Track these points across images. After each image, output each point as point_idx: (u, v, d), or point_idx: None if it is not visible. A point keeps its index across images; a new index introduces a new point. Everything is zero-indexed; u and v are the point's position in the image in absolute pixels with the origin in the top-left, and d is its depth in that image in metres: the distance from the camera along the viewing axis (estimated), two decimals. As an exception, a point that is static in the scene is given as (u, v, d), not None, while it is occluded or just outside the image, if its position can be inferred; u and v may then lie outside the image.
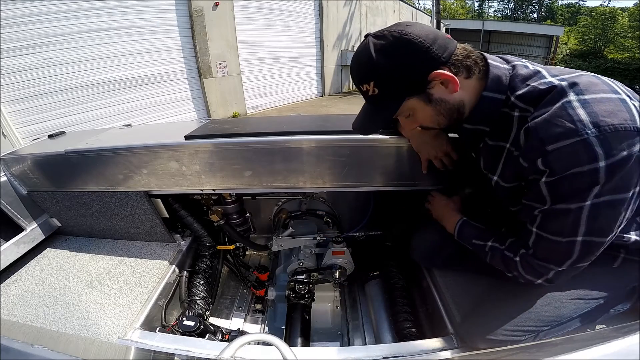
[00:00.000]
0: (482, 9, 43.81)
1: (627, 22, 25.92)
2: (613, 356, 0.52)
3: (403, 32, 0.60)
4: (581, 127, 0.51)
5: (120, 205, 1.20)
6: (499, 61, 0.67)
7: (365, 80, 0.66)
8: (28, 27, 4.35)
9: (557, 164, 0.54)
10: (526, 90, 0.61)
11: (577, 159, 0.52)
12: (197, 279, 1.25)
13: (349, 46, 11.22)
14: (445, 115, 0.68)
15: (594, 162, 0.51)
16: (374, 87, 0.64)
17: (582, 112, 0.52)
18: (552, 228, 0.60)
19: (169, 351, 0.87)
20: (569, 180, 0.54)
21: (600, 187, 0.52)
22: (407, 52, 0.60)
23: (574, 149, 0.52)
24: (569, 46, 31.07)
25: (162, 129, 1.40)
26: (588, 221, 0.56)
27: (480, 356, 0.82)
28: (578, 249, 0.59)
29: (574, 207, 0.55)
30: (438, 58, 0.61)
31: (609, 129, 0.50)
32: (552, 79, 0.59)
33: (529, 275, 0.68)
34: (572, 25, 33.14)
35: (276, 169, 1.03)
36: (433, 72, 0.61)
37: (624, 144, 0.50)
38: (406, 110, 0.69)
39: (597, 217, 0.55)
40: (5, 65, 4.23)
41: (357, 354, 0.85)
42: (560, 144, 0.53)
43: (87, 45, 4.96)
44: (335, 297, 1.31)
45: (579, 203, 0.54)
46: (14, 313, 0.99)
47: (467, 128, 0.73)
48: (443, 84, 0.63)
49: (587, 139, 0.50)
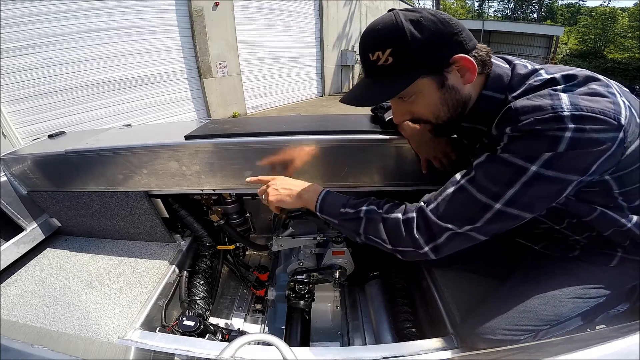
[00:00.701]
0: (482, 9, 43.79)
1: (627, 22, 25.91)
2: (613, 356, 0.52)
3: (438, 12, 0.59)
4: (558, 104, 0.50)
5: (120, 205, 1.20)
6: (500, 61, 0.66)
7: (380, 47, 0.58)
8: (28, 27, 4.35)
9: (524, 127, 0.53)
10: (522, 89, 0.60)
11: (545, 125, 0.51)
12: (197, 279, 1.25)
13: (349, 46, 11.22)
14: (449, 107, 0.64)
15: (560, 131, 0.49)
16: (389, 55, 0.58)
17: (564, 96, 0.52)
18: (480, 183, 0.58)
19: (169, 351, 0.87)
20: (525, 138, 0.53)
21: (551, 156, 0.51)
22: (440, 29, 0.57)
23: (544, 119, 0.51)
24: (569, 46, 31.05)
25: (162, 129, 1.40)
26: (521, 187, 0.54)
27: (480, 356, 0.82)
28: (490, 215, 0.57)
29: (517, 162, 0.53)
30: (465, 44, 0.59)
31: (586, 109, 0.49)
32: (548, 76, 0.59)
33: (419, 235, 0.62)
34: (572, 25, 33.12)
35: (276, 169, 1.03)
36: (457, 55, 0.58)
37: (597, 127, 0.49)
38: (411, 91, 0.62)
39: (530, 187, 0.54)
40: (5, 65, 4.23)
41: (357, 354, 0.85)
42: (533, 115, 0.52)
43: (87, 45, 4.96)
44: (335, 297, 1.31)
45: (525, 163, 0.53)
46: (14, 313, 0.99)
47: (465, 127, 0.72)
48: (460, 71, 0.61)
49: (562, 112, 0.50)
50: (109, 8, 5.07)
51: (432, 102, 0.64)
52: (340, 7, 10.40)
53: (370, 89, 0.64)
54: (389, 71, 0.60)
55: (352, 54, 10.89)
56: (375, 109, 1.08)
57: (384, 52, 0.58)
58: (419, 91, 0.62)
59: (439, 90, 0.62)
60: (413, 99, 0.64)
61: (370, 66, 0.61)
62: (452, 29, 0.58)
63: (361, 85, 0.66)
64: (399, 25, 0.56)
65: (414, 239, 0.62)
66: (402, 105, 0.67)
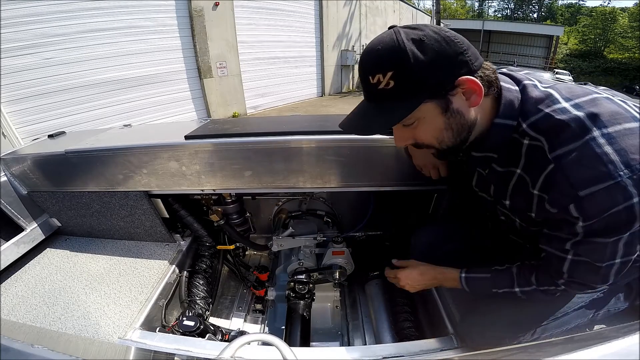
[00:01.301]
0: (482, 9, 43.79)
1: (627, 22, 25.93)
2: (613, 356, 0.52)
3: (442, 29, 0.55)
4: (613, 169, 0.49)
5: (120, 205, 1.20)
6: (509, 82, 0.62)
7: (381, 69, 0.54)
8: (28, 27, 4.35)
9: (593, 209, 0.52)
10: (539, 117, 0.57)
11: (613, 202, 0.50)
12: (197, 279, 1.25)
13: (349, 46, 11.23)
14: (454, 132, 0.60)
15: (629, 200, 0.49)
16: (391, 78, 0.54)
17: (610, 151, 0.50)
18: (591, 256, 0.59)
19: (169, 351, 0.87)
20: (605, 220, 0.52)
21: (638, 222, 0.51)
22: (444, 48, 0.53)
23: (608, 193, 0.50)
24: (569, 46, 31.06)
25: (162, 129, 1.40)
26: (625, 247, 0.56)
27: (480, 356, 0.82)
28: (616, 268, 0.59)
29: (612, 240, 0.55)
30: (471, 64, 0.55)
31: (639, 167, 0.49)
32: (567, 104, 0.55)
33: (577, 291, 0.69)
34: (572, 25, 33.13)
35: (276, 169, 1.03)
36: (463, 77, 0.55)
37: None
38: (414, 117, 0.59)
39: (632, 243, 0.55)
40: (5, 65, 4.23)
41: (357, 354, 0.85)
42: (593, 188, 0.50)
43: (87, 45, 4.97)
44: (335, 297, 1.31)
45: (618, 236, 0.54)
46: (14, 313, 0.99)
47: (476, 156, 0.68)
48: (465, 94, 0.57)
49: (621, 181, 0.49)
50: (109, 8, 5.07)
51: (436, 127, 0.60)
52: (340, 7, 10.40)
53: (371, 116, 0.61)
54: (390, 95, 0.56)
55: (352, 54, 10.90)
56: None
57: (384, 76, 0.54)
58: (422, 116, 0.59)
59: (443, 115, 0.58)
60: (415, 125, 0.61)
61: (371, 89, 0.58)
62: (457, 48, 0.54)
63: (361, 110, 0.63)
64: (401, 46, 0.52)
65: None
66: (404, 131, 0.63)
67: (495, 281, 0.75)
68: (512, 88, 0.61)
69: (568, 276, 0.63)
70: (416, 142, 0.65)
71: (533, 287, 0.70)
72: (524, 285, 0.71)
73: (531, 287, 0.70)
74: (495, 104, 0.61)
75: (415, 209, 1.29)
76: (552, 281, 0.66)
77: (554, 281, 0.66)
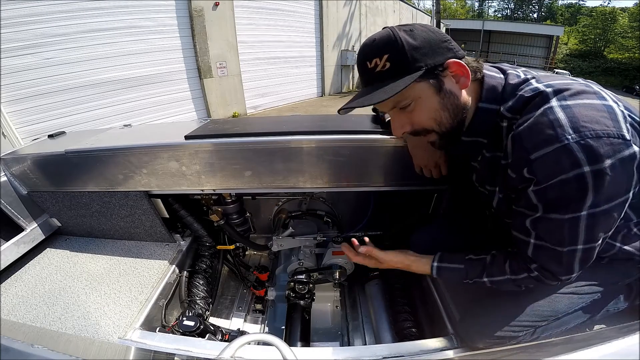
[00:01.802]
0: (482, 9, 43.81)
1: (627, 22, 25.94)
2: (613, 356, 0.52)
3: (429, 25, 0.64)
4: (561, 132, 0.51)
5: (120, 205, 1.20)
6: (494, 71, 0.67)
7: (377, 54, 0.61)
8: (28, 27, 4.35)
9: (542, 172, 0.54)
10: (514, 100, 0.61)
11: (560, 166, 0.52)
12: (197, 279, 1.25)
13: (349, 46, 11.23)
14: (450, 112, 0.64)
15: (577, 167, 0.50)
16: (387, 60, 0.60)
17: (562, 116, 0.52)
18: (550, 238, 0.60)
19: (169, 351, 0.87)
20: (556, 188, 0.54)
21: (592, 196, 0.52)
22: (431, 36, 0.61)
23: (555, 156, 0.52)
24: (569, 46, 31.07)
25: (162, 129, 1.40)
26: (586, 230, 0.56)
27: (480, 356, 0.82)
28: (579, 256, 0.60)
29: (568, 217, 0.55)
30: (455, 52, 0.62)
31: (589, 134, 0.49)
32: (539, 84, 0.59)
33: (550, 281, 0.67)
34: (572, 25, 33.15)
35: (276, 169, 1.03)
36: (450, 60, 0.61)
37: (607, 150, 0.49)
38: (410, 97, 0.63)
39: (593, 226, 0.56)
40: (5, 65, 4.24)
41: (357, 354, 0.85)
42: (542, 151, 0.53)
43: (87, 45, 4.97)
44: (335, 297, 1.31)
45: (574, 214, 0.54)
46: (14, 313, 0.99)
47: (466, 140, 0.71)
48: (455, 77, 0.62)
49: (568, 144, 0.50)
50: (109, 8, 5.08)
51: (432, 107, 0.64)
52: (340, 7, 10.41)
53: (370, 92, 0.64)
54: (387, 76, 0.61)
55: (352, 54, 10.90)
56: (377, 109, 1.07)
57: (381, 59, 0.61)
58: (418, 96, 0.63)
59: (438, 94, 0.63)
60: (413, 107, 0.65)
61: (369, 74, 0.63)
62: (442, 37, 0.62)
63: (361, 93, 0.66)
64: (394, 34, 0.60)
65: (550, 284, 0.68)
66: (401, 115, 0.67)
67: (468, 271, 0.76)
68: (495, 75, 0.66)
69: (534, 261, 0.65)
70: (414, 129, 0.68)
71: (506, 277, 0.70)
72: (496, 275, 0.71)
73: (504, 276, 0.70)
74: (479, 89, 0.66)
75: (415, 209, 1.29)
76: (525, 266, 0.67)
77: (527, 266, 0.67)
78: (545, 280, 0.66)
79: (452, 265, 0.79)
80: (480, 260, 0.75)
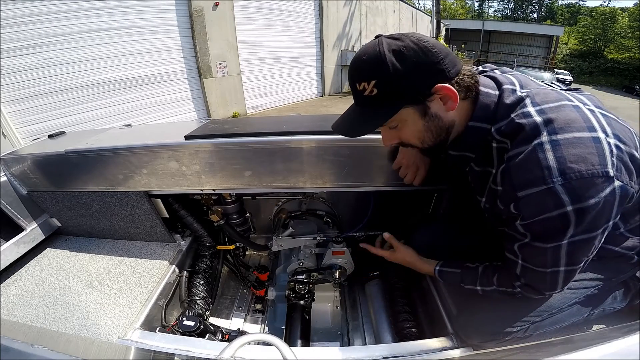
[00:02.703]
0: (482, 9, 43.82)
1: (627, 22, 25.95)
2: (613, 356, 0.52)
3: (422, 39, 0.59)
4: (548, 174, 0.53)
5: (120, 205, 1.20)
6: (490, 86, 0.66)
7: (365, 78, 0.61)
8: (28, 27, 4.35)
9: (527, 210, 0.57)
10: (505, 122, 0.62)
11: (544, 206, 0.54)
12: (197, 279, 1.25)
13: (349, 46, 11.23)
14: (433, 134, 0.67)
15: (561, 207, 0.53)
16: (374, 86, 0.60)
17: (551, 157, 0.53)
18: (535, 261, 0.64)
19: (169, 351, 0.87)
20: (540, 224, 0.57)
21: (573, 229, 0.55)
22: (422, 59, 0.58)
23: (540, 197, 0.54)
24: (569, 46, 31.07)
25: (162, 129, 1.40)
26: (567, 256, 0.59)
27: (480, 356, 0.82)
28: (562, 276, 0.63)
29: (550, 246, 0.59)
30: (447, 72, 0.60)
31: (574, 176, 0.51)
32: (532, 109, 0.59)
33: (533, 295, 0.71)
34: (572, 25, 33.16)
35: (276, 169, 1.03)
36: (438, 85, 0.60)
37: (591, 190, 0.51)
38: (396, 120, 0.65)
39: (574, 252, 0.59)
40: (5, 65, 4.23)
41: (357, 354, 0.85)
42: (528, 191, 0.55)
43: (87, 45, 4.97)
44: (335, 297, 1.31)
45: (556, 242, 0.58)
46: (14, 313, 0.99)
47: (453, 155, 0.73)
48: (442, 99, 0.62)
49: (553, 187, 0.52)
50: (109, 8, 5.07)
51: (417, 129, 0.67)
52: (340, 7, 10.40)
53: (357, 120, 0.67)
54: (373, 102, 0.62)
55: (352, 54, 10.83)
56: None
57: (369, 84, 0.60)
58: (404, 119, 0.65)
59: (422, 118, 0.64)
60: (399, 127, 0.68)
61: (358, 95, 0.64)
62: (434, 58, 0.58)
63: (350, 114, 0.70)
64: (381, 56, 0.58)
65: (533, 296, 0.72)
66: (389, 132, 0.71)
67: (463, 277, 0.83)
68: (490, 92, 0.65)
69: (523, 279, 0.69)
70: (401, 142, 0.72)
71: (493, 287, 0.76)
72: (485, 285, 0.78)
73: (491, 287, 0.76)
74: (472, 107, 0.66)
75: (415, 209, 1.29)
76: (510, 283, 0.72)
77: (512, 283, 0.71)
78: (527, 295, 0.71)
79: (451, 269, 0.86)
80: (474, 269, 0.81)
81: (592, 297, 0.77)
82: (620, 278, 0.77)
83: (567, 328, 0.78)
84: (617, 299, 0.80)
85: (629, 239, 0.70)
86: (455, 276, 0.84)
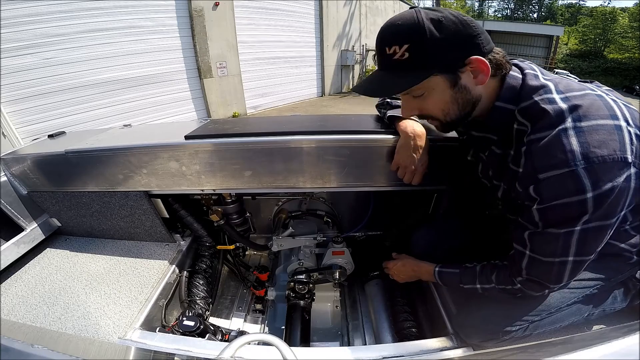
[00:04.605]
0: (482, 9, 43.82)
1: (627, 22, 25.95)
2: (613, 356, 0.52)
3: (460, 13, 0.60)
4: (571, 158, 0.53)
5: (120, 205, 1.20)
6: (515, 70, 0.66)
7: (397, 41, 0.59)
8: (28, 27, 4.35)
9: (547, 193, 0.56)
10: (528, 104, 0.61)
11: (565, 190, 0.54)
12: (197, 279, 1.25)
13: (349, 46, 11.23)
14: (459, 106, 0.66)
15: (582, 193, 0.53)
16: (406, 50, 0.59)
17: (574, 142, 0.53)
18: (544, 250, 0.63)
19: (169, 351, 0.87)
20: (558, 209, 0.56)
21: (590, 214, 0.54)
22: (460, 30, 0.58)
23: (562, 180, 0.54)
24: (569, 46, 31.07)
25: (162, 129, 1.40)
26: (578, 244, 0.59)
27: (480, 356, 0.82)
28: (569, 267, 0.62)
29: (563, 231, 0.58)
30: (482, 47, 0.60)
31: (597, 159, 0.51)
32: (557, 96, 0.58)
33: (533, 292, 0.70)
34: (572, 25, 33.16)
35: (276, 169, 1.03)
36: (473, 57, 0.60)
37: (610, 175, 0.52)
38: (423, 87, 0.64)
39: (585, 241, 0.58)
40: (5, 65, 4.23)
41: (357, 354, 0.85)
42: (550, 173, 0.55)
43: (87, 45, 4.97)
44: (335, 297, 1.31)
45: (569, 228, 0.57)
46: (14, 313, 0.99)
47: (475, 136, 0.73)
48: (473, 72, 0.62)
49: (576, 170, 0.52)
50: (109, 8, 5.07)
51: (443, 100, 0.65)
52: (340, 7, 10.40)
53: (383, 81, 0.65)
54: (403, 66, 0.61)
55: (352, 54, 10.89)
56: (381, 105, 1.06)
57: (400, 47, 0.59)
58: (432, 88, 0.64)
59: (451, 89, 0.63)
60: (424, 96, 0.66)
61: (386, 59, 0.62)
62: (472, 31, 0.59)
63: (375, 78, 0.67)
64: (420, 22, 0.57)
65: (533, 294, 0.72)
66: (412, 101, 0.68)
67: (462, 277, 0.83)
68: (516, 75, 0.65)
69: (526, 273, 0.68)
70: (422, 113, 0.70)
71: (492, 285, 0.76)
72: (485, 283, 0.78)
73: (491, 284, 0.76)
74: (499, 87, 0.65)
75: (415, 209, 1.29)
76: (510, 280, 0.72)
77: (512, 280, 0.71)
78: (527, 292, 0.70)
79: (450, 270, 0.87)
80: (473, 268, 0.81)
81: (591, 297, 0.77)
82: (619, 278, 0.77)
83: (566, 328, 0.78)
84: (617, 299, 0.80)
85: (634, 236, 0.70)
86: (454, 276, 0.84)
